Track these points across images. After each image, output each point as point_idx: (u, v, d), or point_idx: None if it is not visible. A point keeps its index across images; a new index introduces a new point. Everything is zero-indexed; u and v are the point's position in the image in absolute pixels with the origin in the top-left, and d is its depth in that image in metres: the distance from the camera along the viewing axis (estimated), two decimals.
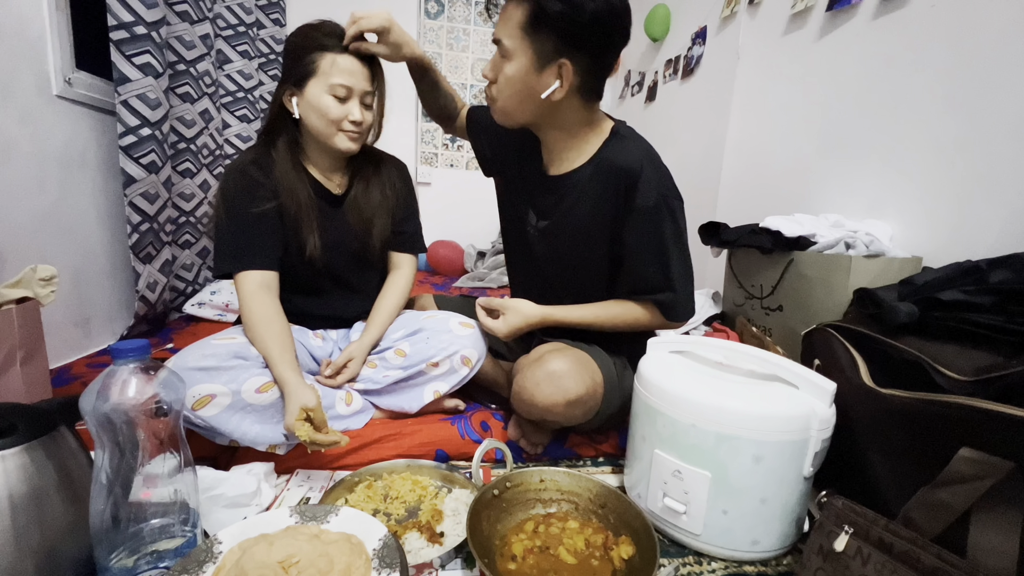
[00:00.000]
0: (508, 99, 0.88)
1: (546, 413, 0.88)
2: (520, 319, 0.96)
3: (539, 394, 0.86)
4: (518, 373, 0.93)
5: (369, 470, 0.87)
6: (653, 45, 2.52)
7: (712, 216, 1.65)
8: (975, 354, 0.66)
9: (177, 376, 0.61)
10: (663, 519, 0.76)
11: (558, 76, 0.84)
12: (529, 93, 0.86)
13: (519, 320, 0.96)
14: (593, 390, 0.89)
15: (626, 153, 0.90)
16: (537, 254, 1.02)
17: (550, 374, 0.86)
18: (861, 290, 0.92)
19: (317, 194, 1.03)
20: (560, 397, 0.85)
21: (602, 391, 0.92)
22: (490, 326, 0.98)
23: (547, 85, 0.85)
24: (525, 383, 0.88)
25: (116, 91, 1.37)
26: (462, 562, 0.69)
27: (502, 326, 0.96)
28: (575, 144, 0.94)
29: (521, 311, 0.96)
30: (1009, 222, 0.91)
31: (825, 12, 1.36)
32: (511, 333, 0.97)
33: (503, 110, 0.91)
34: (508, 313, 0.97)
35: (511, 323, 0.96)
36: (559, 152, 0.96)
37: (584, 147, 0.94)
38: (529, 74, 0.84)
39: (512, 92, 0.87)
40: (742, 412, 0.68)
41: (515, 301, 0.98)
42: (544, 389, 0.86)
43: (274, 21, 2.37)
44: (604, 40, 0.83)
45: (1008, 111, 0.92)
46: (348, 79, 0.93)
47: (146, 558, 0.59)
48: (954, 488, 0.57)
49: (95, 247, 1.47)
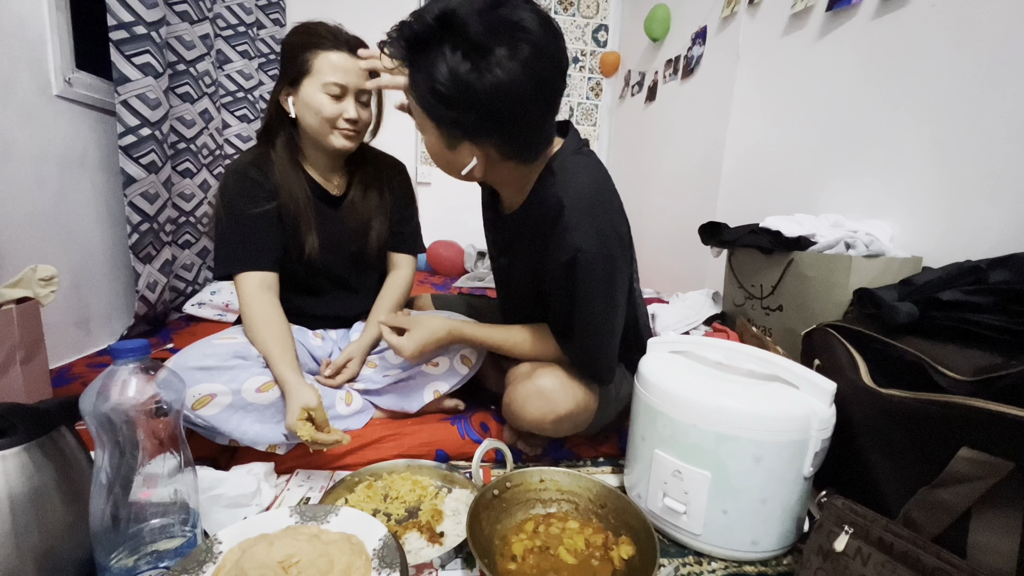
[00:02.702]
0: (438, 165, 0.81)
1: (534, 428, 0.88)
2: (427, 334, 0.89)
3: (527, 410, 0.86)
4: (509, 385, 0.92)
5: (369, 470, 0.87)
6: (653, 45, 2.52)
7: (712, 216, 1.65)
8: (975, 354, 0.66)
9: (177, 376, 0.61)
10: (663, 519, 0.76)
11: (472, 154, 0.74)
12: (451, 167, 0.79)
13: (426, 335, 0.89)
14: (584, 405, 0.87)
15: (549, 194, 0.79)
16: (505, 285, 1.02)
17: (539, 390, 0.85)
18: (861, 290, 0.92)
19: (316, 195, 1.03)
20: (548, 414, 0.85)
21: (595, 405, 0.90)
22: (394, 344, 0.88)
23: (464, 162, 0.75)
24: (515, 397, 0.87)
25: (116, 91, 1.37)
26: (462, 562, 0.69)
27: (407, 343, 0.88)
28: (516, 187, 0.86)
29: (428, 326, 0.90)
30: (1009, 222, 0.91)
31: (825, 12, 1.36)
32: (418, 350, 0.88)
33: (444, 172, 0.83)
34: (414, 329, 0.89)
35: (417, 339, 0.88)
36: (508, 194, 0.90)
37: (523, 184, 0.85)
38: (443, 151, 0.76)
39: (437, 161, 0.80)
40: (742, 412, 0.68)
41: (422, 315, 0.92)
42: (533, 404, 0.85)
43: (274, 21, 2.37)
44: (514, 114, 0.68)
45: (1008, 111, 0.92)
46: (342, 77, 0.93)
47: (146, 558, 0.59)
48: (954, 488, 0.57)
49: (95, 247, 1.48)
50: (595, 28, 3.13)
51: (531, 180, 0.83)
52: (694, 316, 1.49)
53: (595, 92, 3.21)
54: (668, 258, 2.24)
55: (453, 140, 0.74)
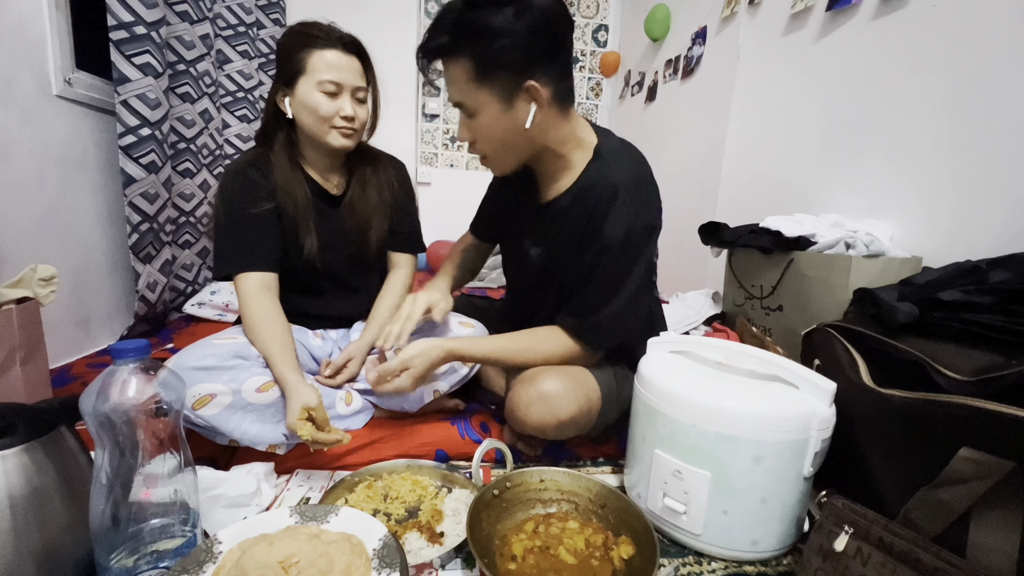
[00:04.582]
0: (497, 149, 0.86)
1: (537, 431, 0.88)
2: (424, 362, 0.86)
3: (530, 414, 0.85)
4: (511, 389, 0.92)
5: (369, 470, 0.87)
6: (653, 45, 2.52)
7: (712, 216, 1.65)
8: (975, 354, 0.66)
9: (177, 376, 0.61)
10: (663, 519, 0.76)
11: (530, 99, 0.81)
12: (513, 132, 0.83)
13: (423, 363, 0.86)
14: (587, 408, 0.88)
15: (603, 178, 0.86)
16: (532, 279, 1.01)
17: (542, 394, 0.85)
18: (861, 290, 0.92)
19: (315, 194, 1.03)
20: (551, 418, 0.85)
21: (598, 408, 0.91)
22: (392, 388, 0.86)
23: (525, 114, 0.82)
24: (518, 402, 0.87)
25: (116, 91, 1.37)
26: (462, 562, 0.69)
27: (406, 380, 0.85)
28: (563, 165, 0.91)
29: (424, 353, 0.86)
30: (1009, 222, 0.91)
31: (825, 12, 1.36)
32: (418, 379, 0.87)
33: (498, 162, 0.89)
34: (409, 362, 0.85)
35: (416, 370, 0.85)
36: (550, 176, 0.93)
37: (570, 169, 0.91)
38: (503, 116, 0.81)
39: (497, 141, 0.85)
40: (742, 412, 0.68)
41: (414, 346, 0.86)
42: (536, 409, 0.85)
43: (274, 21, 2.36)
44: (552, 41, 0.80)
45: (1008, 111, 0.92)
46: (336, 74, 0.93)
47: (146, 558, 0.59)
48: (954, 488, 0.57)
49: (95, 247, 1.48)
50: (595, 28, 3.13)
51: (572, 159, 0.90)
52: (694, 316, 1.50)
53: (595, 92, 3.21)
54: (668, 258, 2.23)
55: (508, 92, 0.79)
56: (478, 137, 0.86)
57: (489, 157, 0.89)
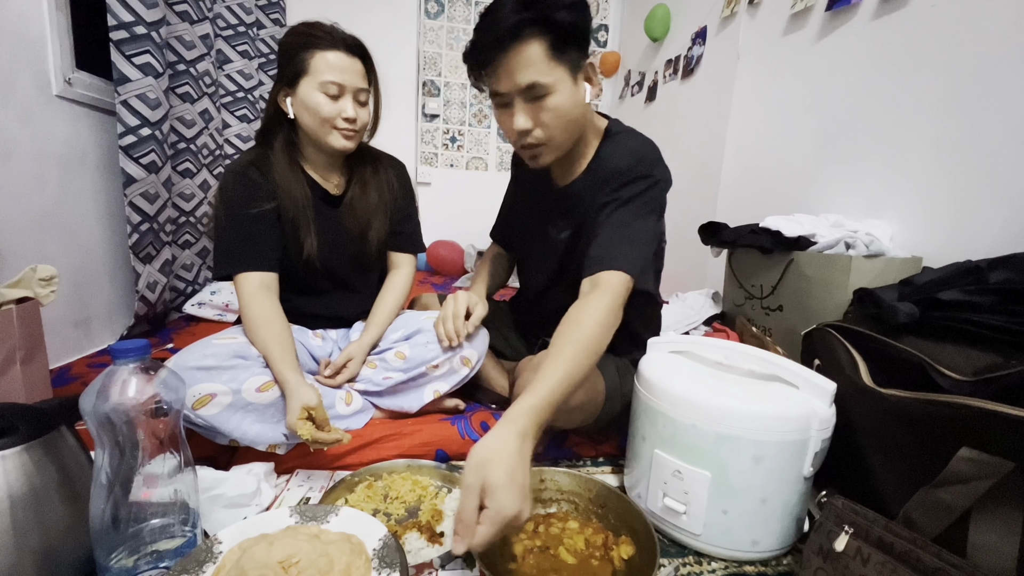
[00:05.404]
0: (562, 131, 0.85)
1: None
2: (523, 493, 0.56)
3: None
4: (519, 377, 0.92)
5: (369, 470, 0.87)
6: (653, 45, 2.52)
7: (712, 216, 1.65)
8: (975, 354, 0.66)
9: (177, 376, 0.61)
10: (663, 519, 0.76)
11: (587, 77, 0.85)
12: (578, 109, 0.85)
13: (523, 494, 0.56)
14: (593, 397, 0.89)
15: (616, 154, 0.90)
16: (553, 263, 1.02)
17: None
18: (861, 290, 0.92)
19: (315, 194, 1.03)
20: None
21: (603, 398, 0.92)
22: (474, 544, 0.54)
23: (584, 92, 0.86)
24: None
25: (116, 91, 1.37)
26: (462, 562, 0.69)
27: (487, 528, 0.54)
28: (578, 148, 0.93)
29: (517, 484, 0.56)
30: (1009, 222, 0.91)
31: (825, 12, 1.36)
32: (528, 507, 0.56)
33: (557, 146, 0.87)
34: (492, 502, 0.54)
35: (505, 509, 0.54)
36: (571, 159, 0.95)
37: (585, 151, 0.94)
38: (574, 92, 0.84)
39: (565, 121, 0.84)
40: (742, 412, 0.68)
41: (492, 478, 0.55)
42: None
43: (274, 21, 2.37)
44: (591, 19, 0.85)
45: (1008, 111, 0.92)
46: (339, 76, 0.93)
47: (146, 558, 0.59)
48: (954, 488, 0.57)
49: (95, 247, 1.48)
50: (595, 28, 3.13)
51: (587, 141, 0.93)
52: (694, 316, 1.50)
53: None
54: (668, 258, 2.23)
55: (576, 68, 0.83)
56: (548, 119, 0.83)
57: (550, 142, 0.86)
